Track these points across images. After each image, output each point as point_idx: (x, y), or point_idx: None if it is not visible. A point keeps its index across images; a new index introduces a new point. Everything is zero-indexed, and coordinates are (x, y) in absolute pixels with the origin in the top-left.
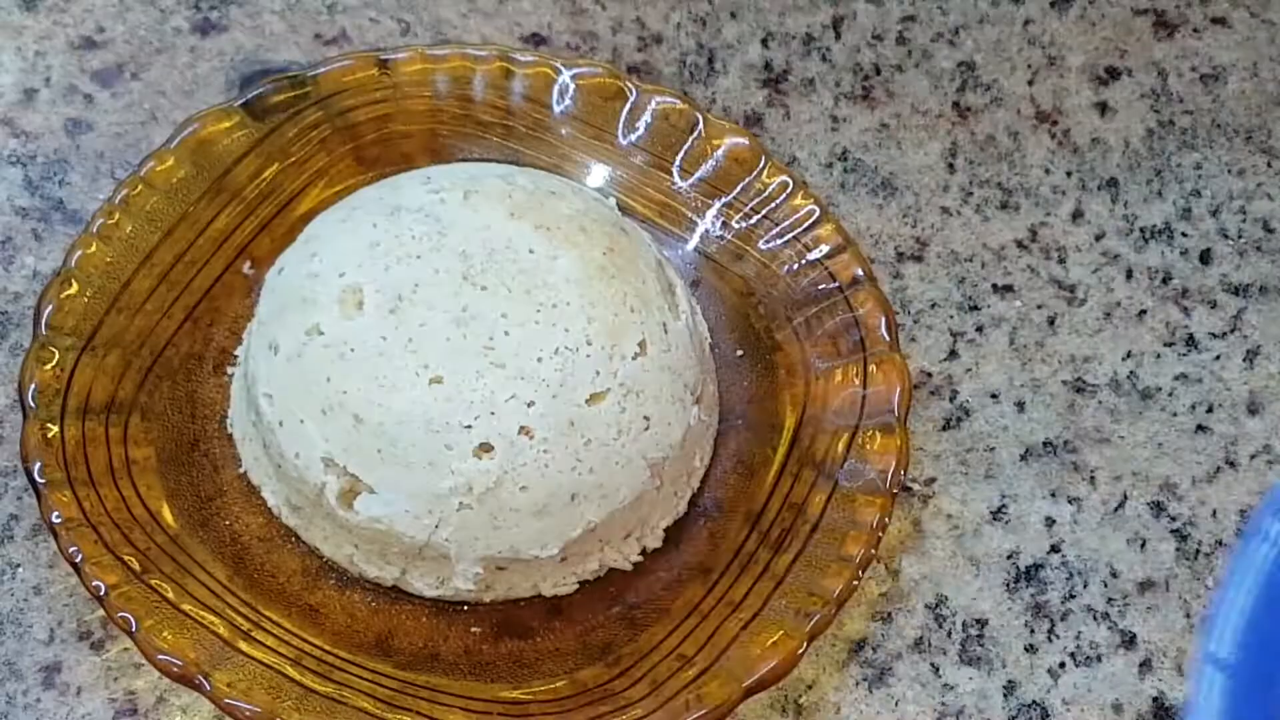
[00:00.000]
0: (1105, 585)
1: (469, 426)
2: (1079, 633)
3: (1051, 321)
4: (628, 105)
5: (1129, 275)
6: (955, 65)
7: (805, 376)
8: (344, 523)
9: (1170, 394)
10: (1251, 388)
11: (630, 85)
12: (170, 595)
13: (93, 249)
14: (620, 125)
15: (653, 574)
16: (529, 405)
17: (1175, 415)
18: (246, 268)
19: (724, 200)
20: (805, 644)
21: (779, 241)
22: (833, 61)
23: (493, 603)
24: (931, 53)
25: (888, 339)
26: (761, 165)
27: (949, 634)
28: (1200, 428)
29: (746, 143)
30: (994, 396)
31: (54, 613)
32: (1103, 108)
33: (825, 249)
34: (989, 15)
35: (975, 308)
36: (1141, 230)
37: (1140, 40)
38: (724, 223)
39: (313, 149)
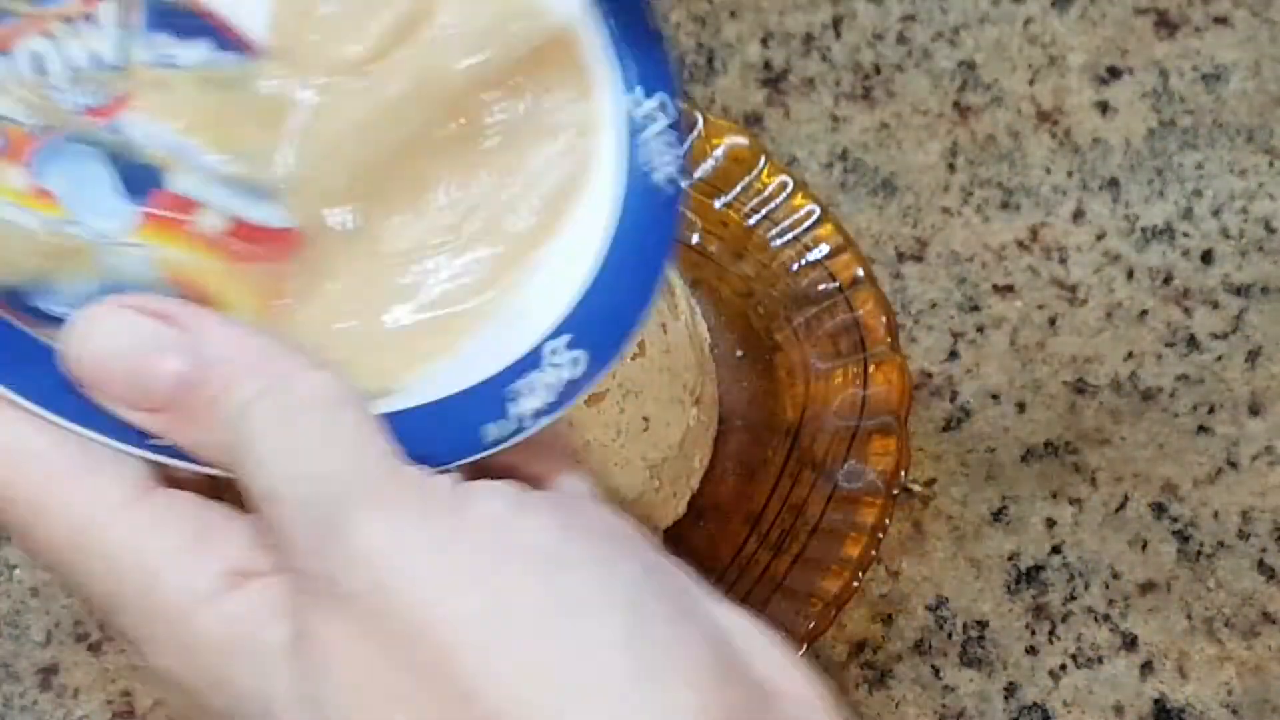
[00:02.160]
0: (1106, 587)
1: None
2: (1080, 634)
3: (1052, 322)
4: None
5: (1130, 275)
6: (955, 65)
7: (805, 377)
8: None
9: (1171, 395)
10: (1253, 388)
11: None
12: None
13: None
14: None
15: None
16: None
17: (1176, 416)
18: None
19: (723, 200)
20: (804, 645)
21: (779, 242)
22: (832, 61)
23: None
24: (932, 52)
25: (888, 339)
26: (761, 165)
27: (949, 635)
28: (1202, 428)
29: (746, 142)
30: (994, 397)
31: (51, 614)
32: (1104, 107)
33: (825, 249)
34: (989, 14)
35: (976, 308)
36: (1143, 230)
37: (1141, 39)
38: (723, 223)
39: None
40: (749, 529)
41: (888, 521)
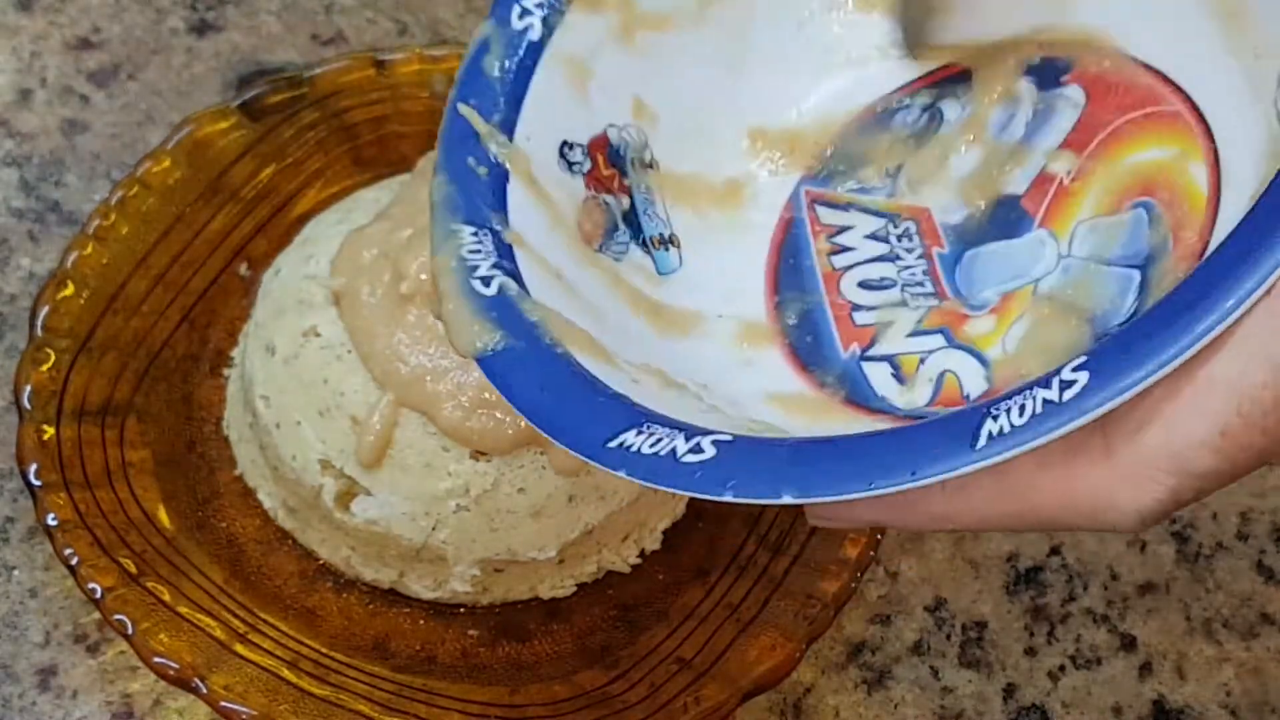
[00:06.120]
0: (1105, 588)
1: None
2: (1079, 635)
3: None
4: None
5: None
6: None
7: None
8: (341, 525)
9: None
10: None
11: None
12: (166, 598)
13: (89, 250)
14: None
15: (651, 576)
16: None
17: None
18: (243, 269)
19: None
20: (803, 647)
21: None
22: None
23: (490, 605)
24: None
25: None
26: None
27: (948, 636)
28: None
29: None
30: None
31: (50, 615)
32: None
33: None
34: None
35: None
36: None
37: None
38: None
39: (310, 150)
40: (748, 530)
41: None
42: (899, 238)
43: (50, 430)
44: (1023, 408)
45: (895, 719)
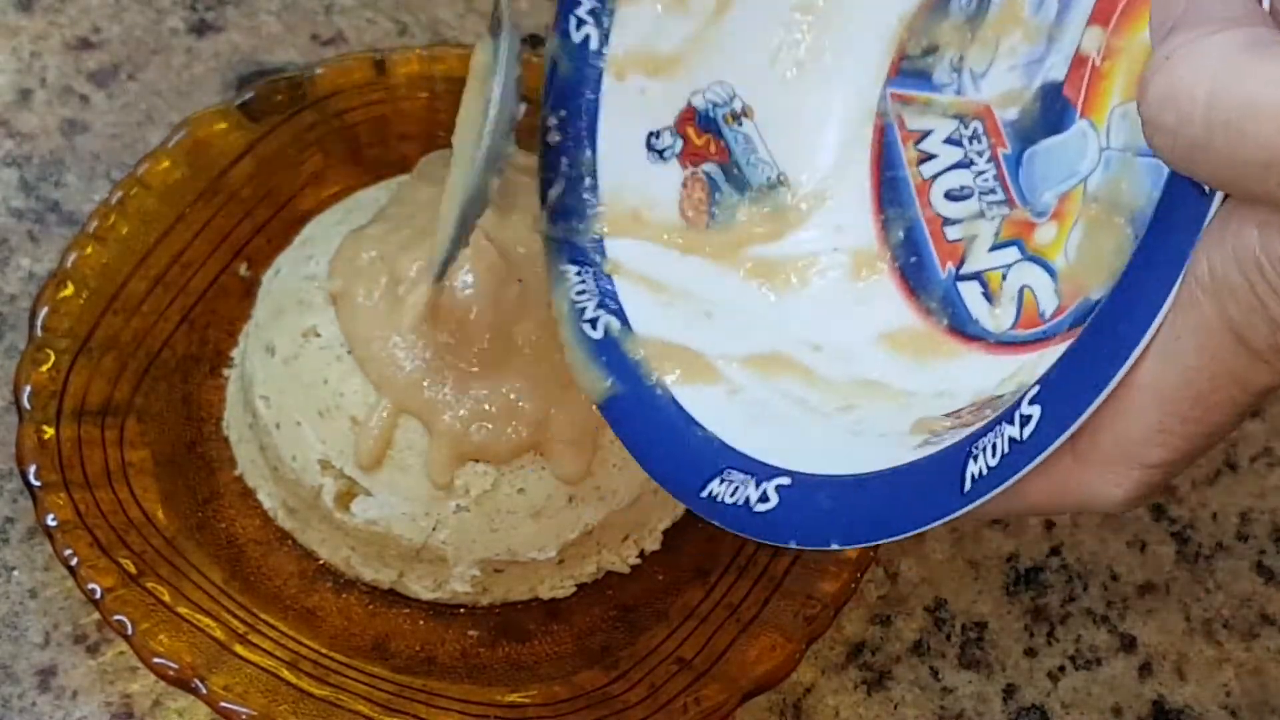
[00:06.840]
0: (1105, 588)
1: None
2: (1079, 636)
3: None
4: None
5: None
6: None
7: None
8: (341, 525)
9: None
10: None
11: None
12: (166, 598)
13: (89, 250)
14: None
15: (650, 577)
16: None
17: None
18: (243, 269)
19: None
20: (803, 647)
21: None
22: None
23: (490, 606)
24: None
25: None
26: None
27: (948, 637)
28: None
29: None
30: None
31: (49, 616)
32: None
33: None
34: None
35: None
36: None
37: None
38: None
39: (310, 150)
40: None
41: None
42: (970, 139)
43: (50, 430)
44: (994, 447)
45: (895, 719)
